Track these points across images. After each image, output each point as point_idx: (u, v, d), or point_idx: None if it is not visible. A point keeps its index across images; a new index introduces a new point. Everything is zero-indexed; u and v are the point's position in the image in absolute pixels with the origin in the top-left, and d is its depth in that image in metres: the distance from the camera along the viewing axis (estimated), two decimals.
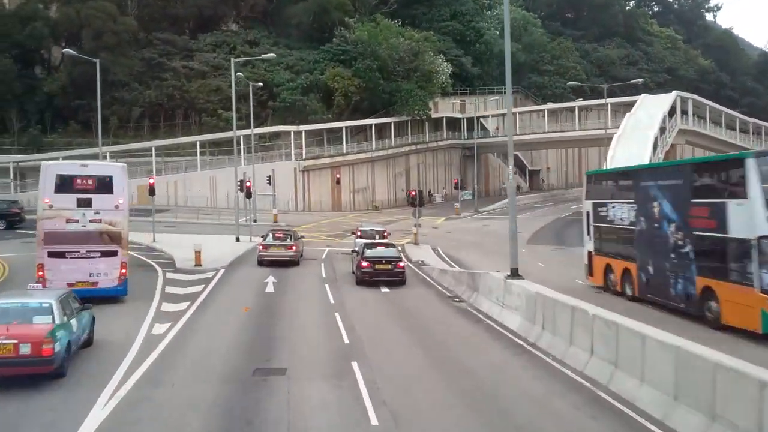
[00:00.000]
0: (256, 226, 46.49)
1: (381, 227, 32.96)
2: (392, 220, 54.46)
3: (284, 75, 67.32)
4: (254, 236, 39.31)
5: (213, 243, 36.54)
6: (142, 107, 64.95)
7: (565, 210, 64.79)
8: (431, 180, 75.35)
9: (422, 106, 69.79)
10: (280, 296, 22.29)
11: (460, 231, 48.10)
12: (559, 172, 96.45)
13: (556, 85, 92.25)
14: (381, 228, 32.54)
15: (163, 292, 22.97)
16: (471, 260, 33.92)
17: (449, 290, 24.05)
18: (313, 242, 38.83)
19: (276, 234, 30.35)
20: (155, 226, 44.38)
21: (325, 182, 62.35)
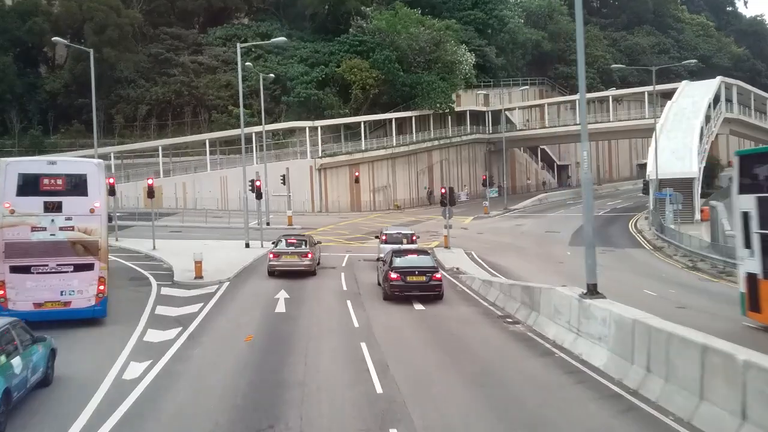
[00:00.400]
0: (269, 230, 42.59)
1: (409, 230, 28.80)
2: (416, 221, 50.27)
3: (298, 68, 63.41)
4: (266, 241, 35.37)
5: (220, 250, 32.71)
6: (148, 105, 61.45)
7: (600, 207, 60.09)
8: (455, 177, 70.96)
9: (445, 98, 65.48)
10: (292, 319, 18.22)
11: (492, 232, 43.79)
12: (590, 166, 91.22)
13: (585, 74, 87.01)
14: (409, 231, 28.38)
15: (152, 313, 19.05)
16: (513, 266, 29.64)
17: (497, 307, 19.81)
18: (331, 247, 34.82)
19: (289, 240, 26.35)
20: (158, 231, 40.70)
21: (342, 181, 58.35)
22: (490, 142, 75.53)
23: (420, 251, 22.60)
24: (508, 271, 28.27)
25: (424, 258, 21.41)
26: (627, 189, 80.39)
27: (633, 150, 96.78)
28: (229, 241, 35.95)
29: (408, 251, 22.39)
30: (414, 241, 27.55)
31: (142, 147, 57.23)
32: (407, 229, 28.97)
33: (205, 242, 35.51)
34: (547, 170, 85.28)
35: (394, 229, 29.48)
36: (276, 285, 23.60)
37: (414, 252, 22.32)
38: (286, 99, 62.41)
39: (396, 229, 30.04)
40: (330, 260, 30.02)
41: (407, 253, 22.03)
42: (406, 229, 29.05)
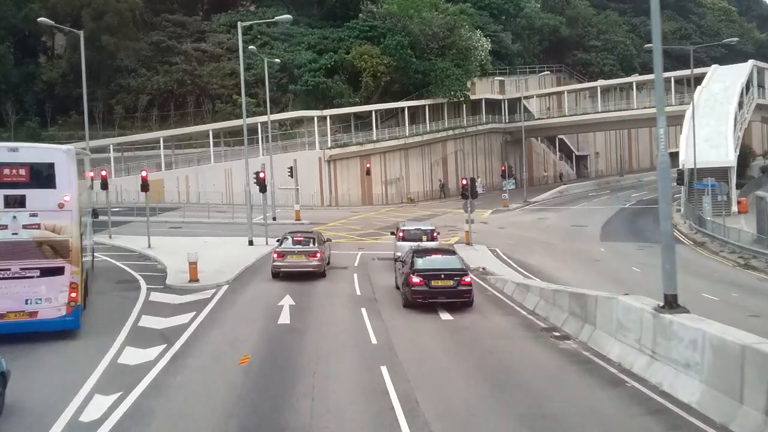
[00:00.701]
0: (275, 226, 39.88)
1: (429, 225, 25.79)
2: (431, 215, 47.39)
3: (305, 55, 60.50)
4: (271, 238, 32.64)
5: (220, 248, 30.01)
6: (149, 95, 58.78)
7: (625, 199, 56.97)
8: (470, 168, 67.81)
9: (460, 86, 62.34)
10: (297, 332, 15.43)
11: (515, 226, 40.82)
12: (607, 158, 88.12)
13: (604, 61, 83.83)
14: (429, 227, 25.39)
15: (134, 325, 16.36)
16: (544, 265, 26.71)
17: (538, 316, 16.93)
18: (342, 244, 32.02)
19: (295, 237, 23.55)
20: (157, 227, 38.11)
21: (353, 173, 55.49)
22: (506, 131, 72.35)
23: (445, 250, 19.75)
24: (539, 271, 25.34)
25: (451, 258, 18.51)
26: (650, 180, 76.72)
27: (653, 140, 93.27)
28: (232, 237, 33.26)
29: (431, 251, 19.53)
30: (435, 237, 24.70)
31: (142, 138, 54.62)
32: (427, 225, 26.02)
33: (205, 239, 32.88)
34: (565, 161, 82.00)
35: (412, 224, 26.54)
36: (280, 289, 20.83)
37: (438, 251, 19.46)
38: (293, 88, 59.55)
39: (414, 224, 27.13)
40: (341, 259, 27.23)
41: (430, 252, 19.17)
42: (425, 225, 26.11)
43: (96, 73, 59.33)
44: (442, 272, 17.50)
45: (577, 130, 72.12)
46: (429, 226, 25.42)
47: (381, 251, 29.90)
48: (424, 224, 26.51)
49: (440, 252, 19.24)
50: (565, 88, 72.60)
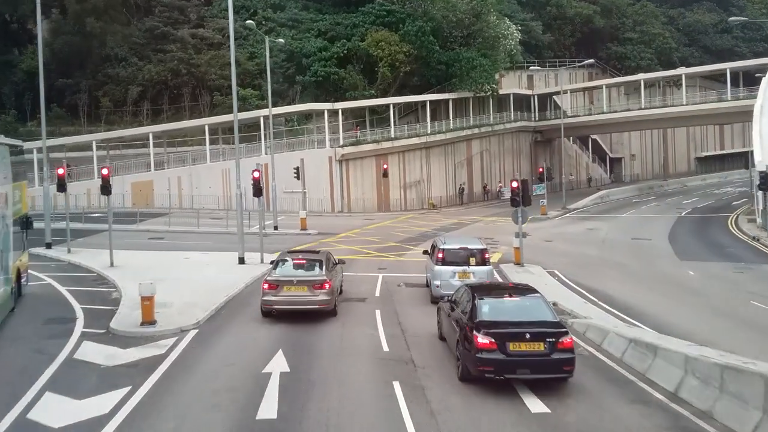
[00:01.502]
0: (276, 236, 33.38)
1: (478, 243, 18.76)
2: (458, 223, 40.70)
3: (315, 43, 54.10)
4: (270, 253, 26.13)
5: (202, 268, 23.47)
6: (140, 86, 52.54)
7: (677, 206, 49.97)
8: (496, 171, 61.17)
9: (487, 78, 55.59)
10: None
11: (563, 239, 34.00)
12: (643, 161, 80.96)
13: (641, 55, 76.75)
14: (478, 245, 18.38)
15: (20, 417, 9.81)
16: (630, 297, 19.86)
17: (691, 407, 10.14)
18: (357, 263, 25.41)
19: (296, 260, 16.89)
20: (135, 238, 31.86)
21: (368, 175, 48.85)
22: (537, 130, 65.50)
23: (523, 289, 12.91)
24: (627, 307, 18.51)
25: (535, 303, 11.76)
26: (697, 185, 69.98)
27: (691, 141, 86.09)
28: (223, 253, 26.66)
29: (501, 289, 12.85)
30: (486, 260, 17.93)
31: (130, 134, 48.30)
32: (475, 241, 19.11)
33: (187, 255, 26.37)
34: (598, 164, 74.96)
35: (455, 240, 19.56)
36: (270, 340, 14.27)
37: (513, 291, 12.65)
38: (301, 79, 53.14)
39: (457, 240, 20.23)
40: (357, 285, 20.61)
41: (500, 293, 12.48)
42: (472, 241, 19.19)
43: (82, 62, 53.31)
44: (526, 330, 10.80)
45: (618, 128, 65.06)
46: (478, 243, 18.61)
47: (408, 273, 23.25)
48: (470, 240, 19.67)
49: (516, 292, 12.43)
50: (604, 81, 65.61)
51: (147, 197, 46.33)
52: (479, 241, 19.26)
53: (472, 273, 17.59)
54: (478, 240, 19.49)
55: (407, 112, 57.59)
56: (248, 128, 50.73)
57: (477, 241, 19.15)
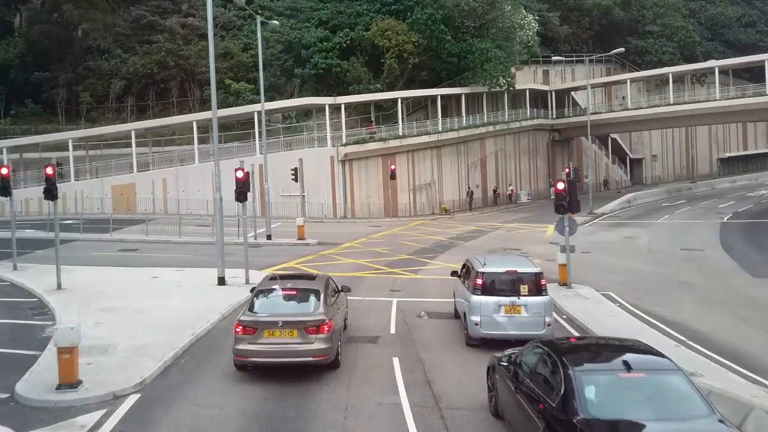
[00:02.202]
0: (270, 247, 28.76)
1: (529, 265, 13.59)
2: (477, 231, 36.05)
3: (316, 33, 49.58)
4: (257, 270, 21.65)
5: (172, 291, 18.84)
6: (124, 80, 48.01)
7: (714, 211, 45.25)
8: (512, 172, 56.52)
9: (503, 71, 50.94)
10: None
11: (602, 249, 29.25)
12: (664, 162, 76.21)
13: (663, 49, 72.02)
14: (530, 268, 13.27)
15: None
16: (723, 332, 15.10)
17: None
18: (365, 282, 20.80)
19: (285, 290, 12.19)
20: (105, 249, 27.32)
21: (373, 176, 44.20)
22: (554, 129, 60.84)
23: (636, 349, 8.06)
24: (736, 352, 13.72)
25: (668, 382, 7.02)
26: (726, 188, 65.23)
27: (714, 142, 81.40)
28: (201, 270, 22.01)
29: (605, 351, 8.06)
30: (543, 287, 13.14)
31: (110, 132, 43.76)
32: (525, 261, 14.19)
33: (157, 273, 21.73)
34: (618, 165, 70.21)
35: (497, 260, 14.47)
36: (244, 416, 9.63)
37: (627, 357, 7.76)
38: (300, 72, 48.61)
39: (500, 259, 15.25)
40: (365, 316, 15.99)
41: (606, 358, 7.71)
42: (521, 261, 14.25)
43: (61, 53, 48.78)
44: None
45: (646, 126, 60.16)
46: (529, 264, 13.78)
47: (428, 297, 18.62)
48: (517, 260, 14.85)
49: (636, 362, 7.58)
50: (628, 76, 60.98)
51: (130, 202, 41.81)
52: (530, 261, 14.53)
53: (524, 306, 12.95)
54: (528, 260, 14.74)
55: (415, 108, 53.04)
56: (242, 125, 46.26)
57: (527, 261, 14.42)
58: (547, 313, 13.04)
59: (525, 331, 12.80)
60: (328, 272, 22.75)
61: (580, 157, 65.63)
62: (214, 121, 20.95)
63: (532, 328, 12.83)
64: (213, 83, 20.69)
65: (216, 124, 21.17)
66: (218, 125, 47.59)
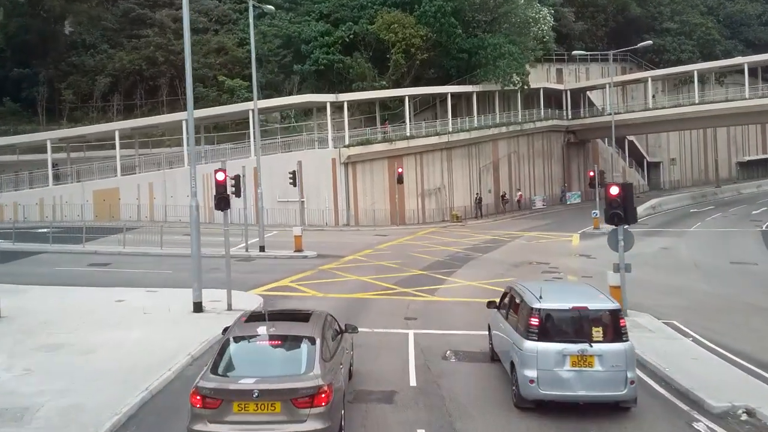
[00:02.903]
0: (262, 261, 25.24)
1: (602, 299, 9.66)
2: (495, 240, 32.51)
3: (316, 27, 46.23)
4: (247, 289, 18.25)
5: (133, 319, 15.31)
6: (110, 76, 44.60)
7: (747, 217, 41.77)
8: (526, 176, 52.94)
9: (517, 68, 47.44)
10: None
11: (640, 263, 25.32)
12: (682, 166, 72.62)
13: (682, 47, 68.54)
14: (604, 303, 9.63)
15: None
16: None
17: None
18: (373, 307, 17.29)
19: (272, 334, 8.68)
20: (73, 263, 23.91)
21: (379, 180, 40.68)
22: (569, 130, 57.31)
23: None
24: None
25: None
26: (753, 192, 61.79)
27: (732, 145, 77.80)
28: (178, 291, 18.42)
29: None
30: (622, 330, 9.55)
31: (92, 132, 40.32)
32: (595, 295, 10.09)
33: (123, 295, 18.21)
34: (636, 169, 66.62)
35: (557, 293, 10.54)
36: None
37: None
38: (299, 68, 45.20)
39: (562, 291, 11.44)
40: (375, 358, 12.48)
41: None
42: (590, 295, 10.01)
43: (43, 49, 45.39)
44: None
45: (667, 127, 56.63)
46: (601, 297, 9.97)
47: (452, 328, 15.10)
48: (582, 290, 10.98)
49: None
50: (649, 74, 57.43)
51: (113, 208, 38.34)
52: (598, 291, 10.86)
53: (599, 357, 9.39)
54: (595, 290, 11.04)
55: (423, 108, 49.60)
56: (237, 125, 42.82)
57: (595, 292, 10.76)
58: (629, 366, 9.47)
59: (599, 392, 9.30)
60: (329, 292, 19.31)
61: (597, 161, 61.81)
62: (191, 124, 17.48)
63: (610, 388, 9.31)
64: (189, 74, 17.20)
65: (192, 121, 17.81)
66: (211, 125, 44.11)
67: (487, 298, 18.43)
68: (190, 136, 17.44)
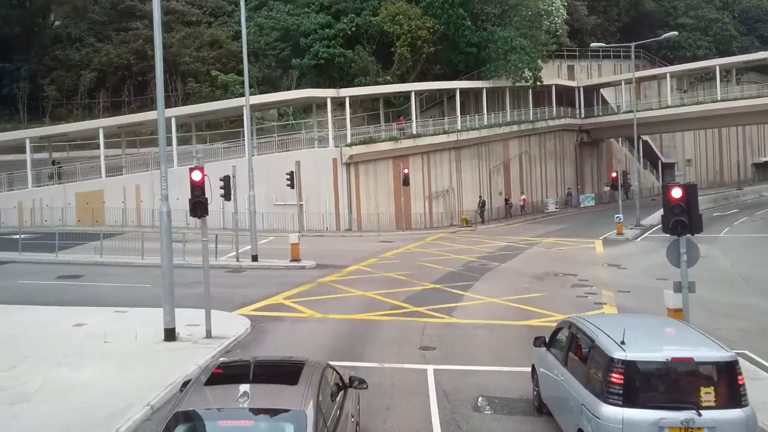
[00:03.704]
0: (253, 272, 22.47)
1: (710, 345, 6.71)
2: (510, 247, 29.75)
3: (316, 19, 43.55)
4: (231, 310, 15.57)
5: (89, 352, 12.46)
6: (96, 71, 41.89)
7: None
8: (537, 178, 50.15)
9: (529, 62, 44.68)
10: None
11: (673, 273, 22.70)
12: (697, 167, 69.77)
13: (697, 43, 65.76)
14: (715, 351, 6.50)
15: None
16: None
17: None
18: (380, 330, 14.52)
19: (241, 409, 5.92)
20: (41, 275, 21.18)
21: (383, 182, 37.89)
22: (582, 129, 54.51)
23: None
24: None
25: None
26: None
27: (747, 146, 74.97)
28: (153, 310, 15.56)
29: None
30: (740, 391, 6.80)
31: (75, 130, 37.59)
32: (697, 338, 7.41)
33: (86, 316, 15.48)
34: (650, 170, 63.80)
35: (646, 333, 7.67)
36: None
37: None
38: (298, 62, 42.53)
39: (652, 331, 8.09)
40: (385, 408, 9.71)
41: None
42: (692, 338, 7.49)
43: (26, 42, 42.71)
44: None
45: (688, 126, 53.73)
46: (710, 346, 6.96)
47: (479, 361, 12.31)
48: (679, 330, 7.90)
49: None
50: (667, 69, 54.62)
51: (97, 212, 35.59)
52: (705, 336, 7.74)
53: (710, 431, 6.57)
54: (697, 331, 7.97)
55: (429, 105, 46.96)
56: (230, 123, 40.09)
57: (696, 333, 7.85)
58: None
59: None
60: (329, 312, 16.48)
61: (610, 161, 59.43)
62: (161, 124, 14.76)
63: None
64: (159, 79, 14.49)
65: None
66: (204, 123, 41.42)
67: (514, 320, 15.81)
68: (161, 133, 14.64)
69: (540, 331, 14.75)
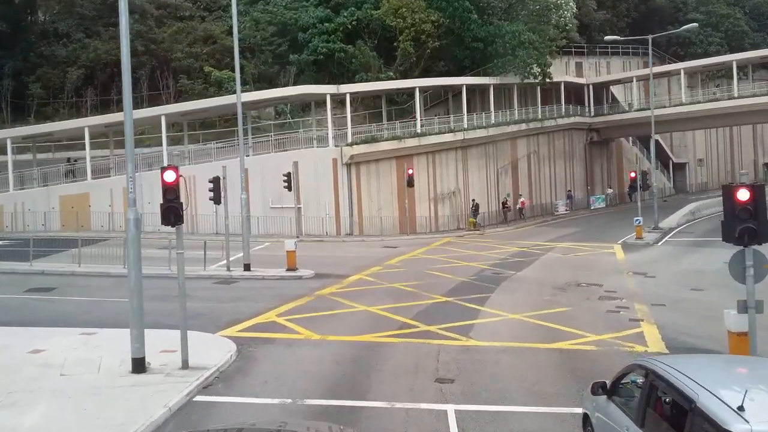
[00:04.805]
0: (245, 284, 20.35)
1: None
2: (523, 252, 27.69)
3: (315, 13, 41.50)
4: (215, 332, 13.50)
5: (38, 389, 10.27)
6: (83, 68, 39.87)
7: None
8: (546, 178, 48.03)
9: (538, 58, 42.62)
10: None
11: (711, 284, 20.57)
12: (708, 167, 67.74)
13: (709, 40, 63.71)
14: None
15: None
16: None
17: None
18: (387, 357, 12.41)
19: None
20: (11, 287, 19.07)
21: (386, 183, 35.81)
22: (592, 128, 52.44)
23: None
24: None
25: None
26: None
27: (758, 145, 72.85)
28: (125, 331, 13.41)
29: None
30: None
31: (59, 130, 35.52)
32: None
33: (47, 339, 13.40)
34: (661, 170, 61.63)
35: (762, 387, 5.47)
36: None
37: None
38: (296, 58, 40.51)
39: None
40: None
41: None
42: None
43: (12, 38, 40.69)
44: None
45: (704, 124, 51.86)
46: None
47: (507, 400, 10.22)
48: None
49: None
50: (681, 65, 52.56)
51: (80, 216, 33.52)
52: None
53: None
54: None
55: (433, 103, 44.94)
56: (225, 122, 38.08)
57: None
58: None
59: None
60: (327, 333, 14.20)
61: (620, 161, 57.38)
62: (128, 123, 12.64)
63: None
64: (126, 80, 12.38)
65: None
66: (195, 121, 39.26)
67: (542, 342, 13.66)
68: (127, 134, 12.58)
69: (573, 357, 12.72)
